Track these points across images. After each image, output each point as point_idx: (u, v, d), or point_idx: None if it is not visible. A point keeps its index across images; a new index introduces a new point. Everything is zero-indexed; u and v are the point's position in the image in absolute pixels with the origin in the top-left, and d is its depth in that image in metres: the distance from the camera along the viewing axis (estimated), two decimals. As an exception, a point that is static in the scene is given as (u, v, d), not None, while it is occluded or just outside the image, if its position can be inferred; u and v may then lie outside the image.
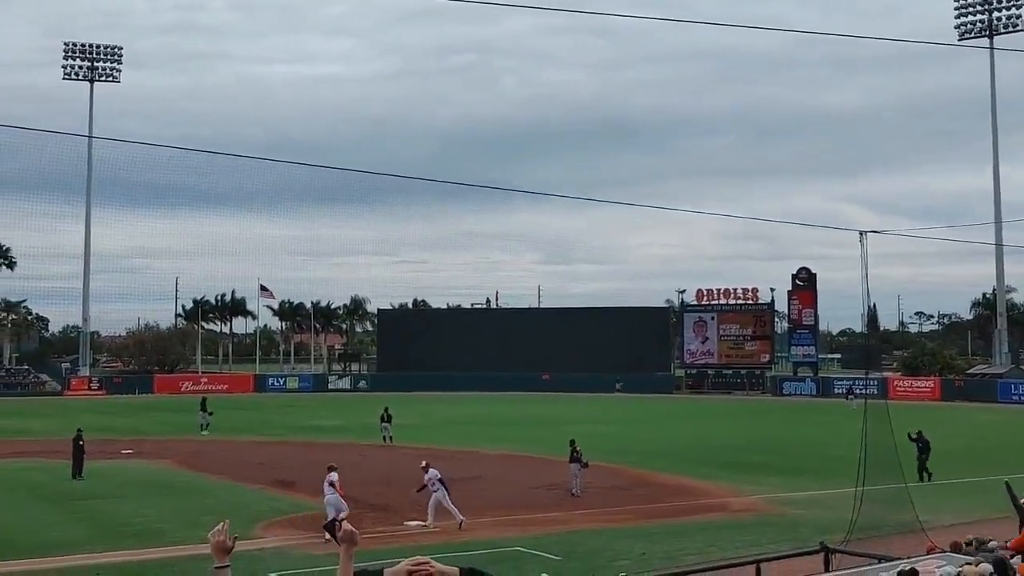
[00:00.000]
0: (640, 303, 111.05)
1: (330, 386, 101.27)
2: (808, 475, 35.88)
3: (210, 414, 53.17)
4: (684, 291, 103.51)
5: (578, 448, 33.04)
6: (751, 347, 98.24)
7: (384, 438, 48.43)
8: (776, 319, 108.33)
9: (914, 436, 35.75)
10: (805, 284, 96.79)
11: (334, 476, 25.80)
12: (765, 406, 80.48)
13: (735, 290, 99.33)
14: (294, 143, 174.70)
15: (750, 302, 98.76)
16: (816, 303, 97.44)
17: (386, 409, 49.66)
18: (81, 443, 36.92)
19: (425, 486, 27.43)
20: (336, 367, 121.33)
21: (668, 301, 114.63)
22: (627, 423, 61.77)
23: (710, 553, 23.31)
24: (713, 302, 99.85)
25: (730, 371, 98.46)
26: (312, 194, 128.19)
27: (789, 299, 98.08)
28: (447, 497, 27.07)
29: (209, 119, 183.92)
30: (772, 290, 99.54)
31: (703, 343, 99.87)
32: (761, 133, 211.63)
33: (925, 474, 35.14)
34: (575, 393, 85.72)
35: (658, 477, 37.37)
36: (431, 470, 27.55)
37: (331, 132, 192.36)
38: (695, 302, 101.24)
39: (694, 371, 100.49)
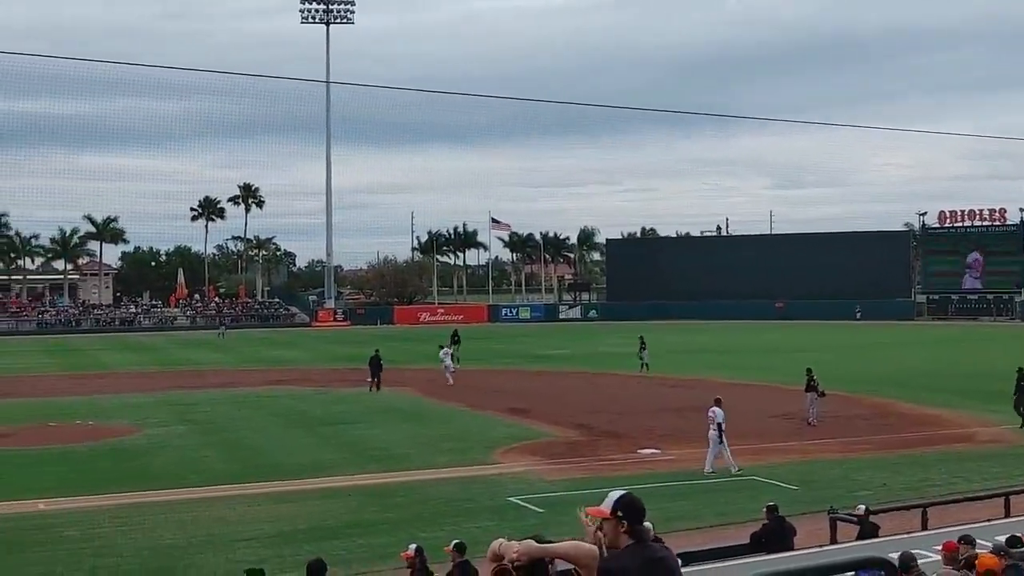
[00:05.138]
0: (875, 227, 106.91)
1: (561, 316, 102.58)
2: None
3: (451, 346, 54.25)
4: (925, 213, 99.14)
5: (815, 377, 32.43)
6: (999, 271, 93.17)
7: (641, 365, 48.86)
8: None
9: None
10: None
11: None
12: (1015, 332, 76.39)
13: (980, 211, 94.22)
14: (519, 77, 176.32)
15: (997, 223, 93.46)
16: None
17: (641, 338, 50.09)
18: (380, 361, 42.68)
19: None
20: (566, 297, 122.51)
21: (908, 224, 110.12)
22: (865, 351, 60.03)
23: (955, 485, 22.60)
24: (957, 224, 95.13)
25: (975, 296, 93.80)
26: (539, 126, 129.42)
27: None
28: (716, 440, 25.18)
29: (438, 57, 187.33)
30: (1021, 210, 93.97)
31: (946, 267, 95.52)
32: (1005, 44, 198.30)
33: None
34: (809, 321, 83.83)
35: (899, 406, 36.28)
36: (715, 408, 25.40)
37: (554, 64, 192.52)
38: (937, 224, 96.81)
39: (936, 297, 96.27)
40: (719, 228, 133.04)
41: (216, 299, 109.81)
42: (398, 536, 18.36)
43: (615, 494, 5.19)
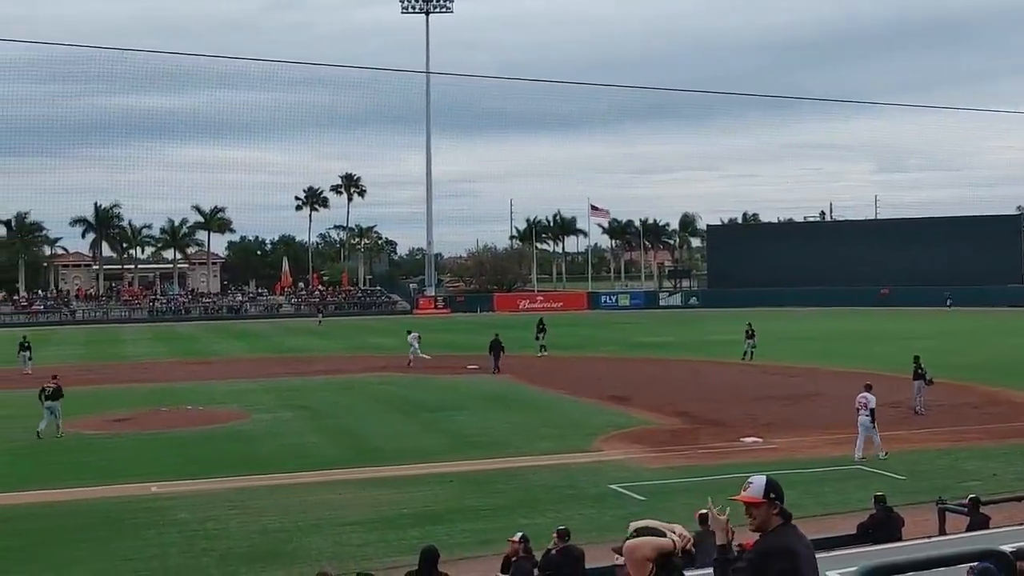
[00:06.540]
0: (983, 211, 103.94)
1: (661, 303, 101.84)
2: None
3: (537, 334, 54.21)
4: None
5: (922, 364, 31.78)
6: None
7: (745, 353, 48.27)
8: None
9: None
10: None
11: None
12: None
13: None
14: (618, 62, 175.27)
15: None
16: None
17: (749, 324, 49.49)
18: (501, 345, 45.58)
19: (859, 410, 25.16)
20: (666, 284, 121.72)
21: (1020, 208, 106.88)
22: (974, 337, 58.48)
23: (1071, 476, 21.95)
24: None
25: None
26: (637, 112, 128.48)
27: None
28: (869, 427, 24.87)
29: (536, 43, 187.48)
30: None
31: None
32: None
33: None
34: (916, 308, 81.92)
35: (1011, 394, 35.26)
36: (867, 394, 25.24)
37: (654, 48, 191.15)
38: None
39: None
40: (823, 214, 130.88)
41: (319, 287, 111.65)
42: (501, 522, 18.51)
43: (759, 479, 5.49)
